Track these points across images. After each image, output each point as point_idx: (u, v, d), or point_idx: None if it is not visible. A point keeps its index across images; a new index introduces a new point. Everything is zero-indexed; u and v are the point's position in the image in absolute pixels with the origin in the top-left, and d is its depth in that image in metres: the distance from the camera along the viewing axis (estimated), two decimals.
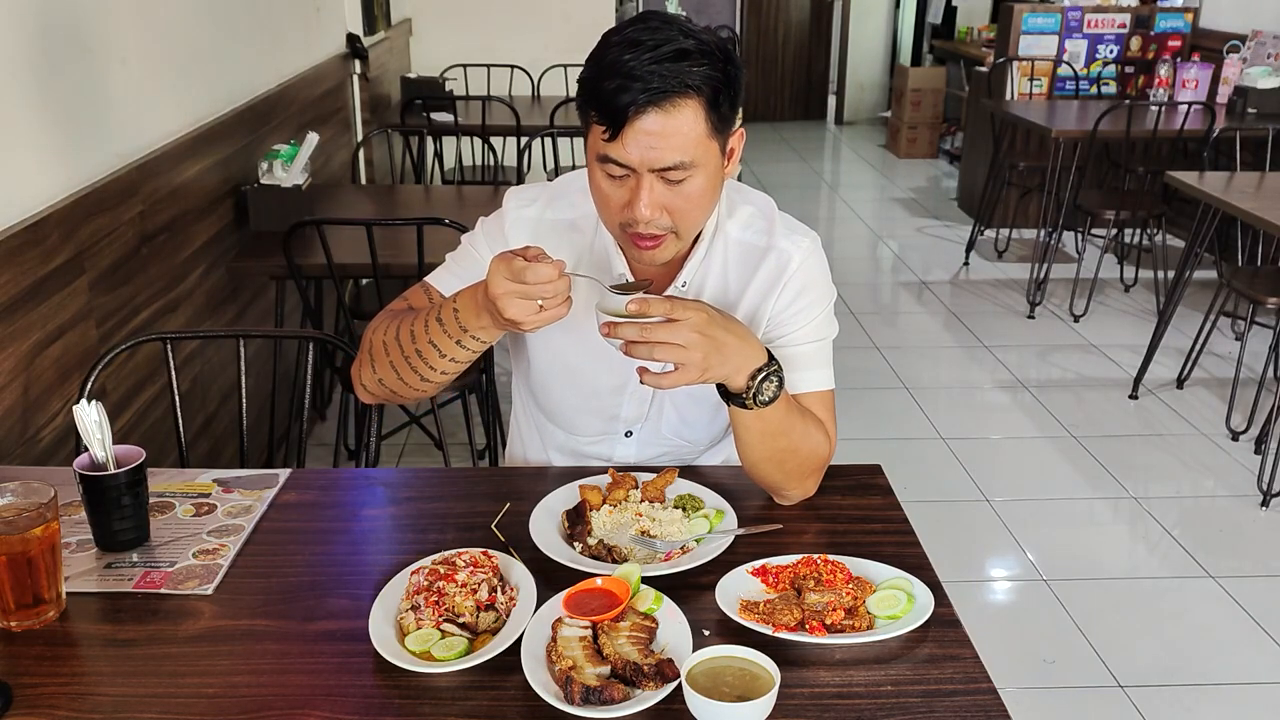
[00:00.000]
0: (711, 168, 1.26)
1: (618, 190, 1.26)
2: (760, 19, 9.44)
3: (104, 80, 2.24)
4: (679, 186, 1.24)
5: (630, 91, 1.17)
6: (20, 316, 1.85)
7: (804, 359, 1.42)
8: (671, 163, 1.21)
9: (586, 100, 1.23)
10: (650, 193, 1.23)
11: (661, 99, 1.18)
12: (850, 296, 5.01)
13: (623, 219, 1.27)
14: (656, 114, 1.19)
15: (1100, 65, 5.83)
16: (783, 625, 1.12)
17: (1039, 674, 2.44)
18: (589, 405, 1.50)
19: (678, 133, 1.20)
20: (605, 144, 1.22)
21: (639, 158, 1.21)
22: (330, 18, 4.24)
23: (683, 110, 1.20)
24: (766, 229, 1.43)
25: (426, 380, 1.35)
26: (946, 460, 3.43)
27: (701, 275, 1.43)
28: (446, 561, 1.19)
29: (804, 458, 1.36)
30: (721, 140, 1.26)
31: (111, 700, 1.05)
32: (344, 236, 2.74)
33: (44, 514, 1.14)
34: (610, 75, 1.19)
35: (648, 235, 1.27)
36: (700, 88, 1.20)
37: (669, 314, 1.17)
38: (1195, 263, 3.74)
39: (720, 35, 1.27)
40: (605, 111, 1.20)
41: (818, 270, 1.44)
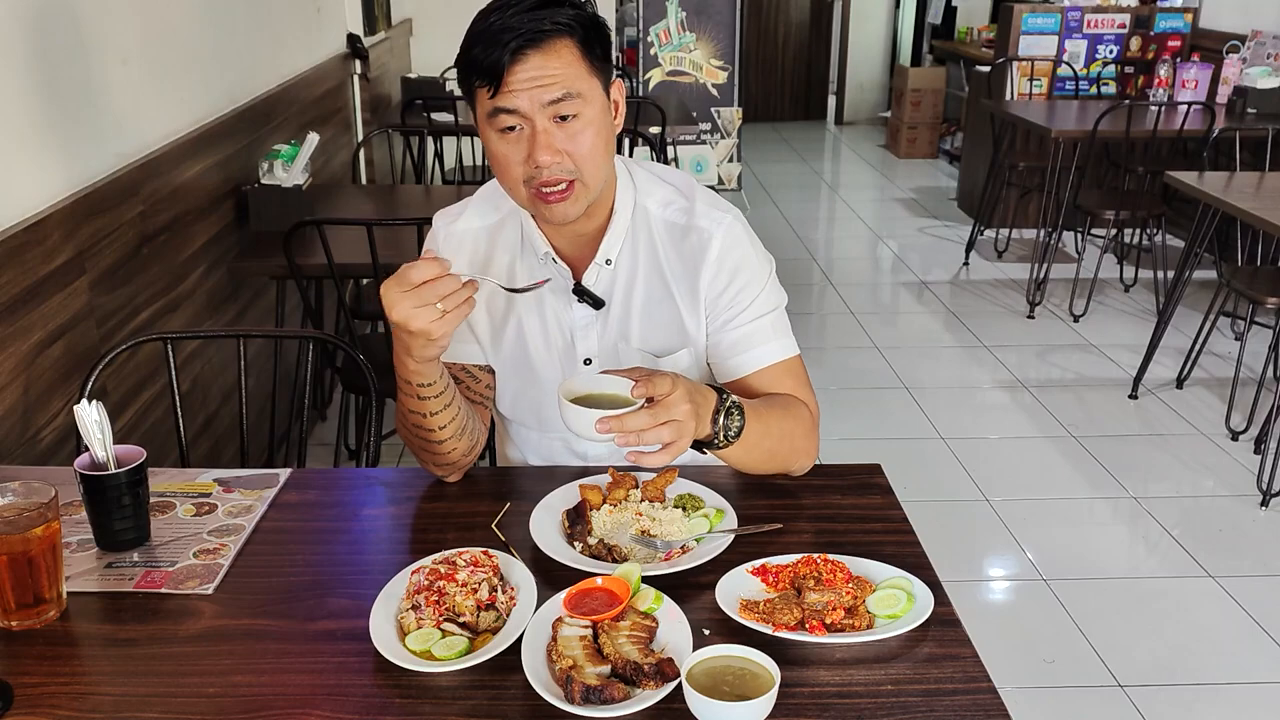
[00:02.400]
0: (599, 106, 1.30)
1: (515, 147, 1.28)
2: (760, 19, 9.43)
3: (104, 80, 2.24)
4: (571, 127, 1.28)
5: (504, 43, 1.22)
6: (21, 316, 1.85)
7: (759, 335, 1.43)
8: (559, 95, 1.25)
9: (466, 71, 1.27)
10: (546, 134, 1.27)
11: (537, 39, 1.23)
12: (850, 296, 5.02)
13: (525, 173, 1.29)
14: (535, 54, 1.24)
15: (1100, 65, 5.84)
16: (783, 625, 1.12)
17: (1039, 673, 2.45)
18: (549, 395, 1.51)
19: (559, 68, 1.25)
20: (492, 100, 1.26)
21: (527, 99, 1.25)
22: (330, 18, 4.24)
23: (559, 48, 1.25)
24: (686, 208, 1.44)
25: (442, 443, 1.37)
26: (946, 460, 3.43)
27: (631, 256, 1.44)
28: (447, 561, 1.19)
29: (793, 441, 1.39)
30: (603, 80, 1.31)
31: (112, 700, 1.05)
32: (344, 236, 2.74)
33: (45, 514, 1.14)
34: (481, 39, 1.24)
35: (553, 185, 1.29)
36: (571, 26, 1.26)
37: (650, 393, 1.19)
38: (1195, 263, 3.74)
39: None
40: (485, 69, 1.24)
41: (745, 246, 1.44)
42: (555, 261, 1.43)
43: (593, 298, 1.44)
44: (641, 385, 1.19)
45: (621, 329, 1.46)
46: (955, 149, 7.66)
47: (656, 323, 1.46)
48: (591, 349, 1.48)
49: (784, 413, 1.39)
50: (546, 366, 1.49)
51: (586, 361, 1.48)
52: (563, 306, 1.46)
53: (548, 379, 1.49)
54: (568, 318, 1.46)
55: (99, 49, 2.22)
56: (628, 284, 1.45)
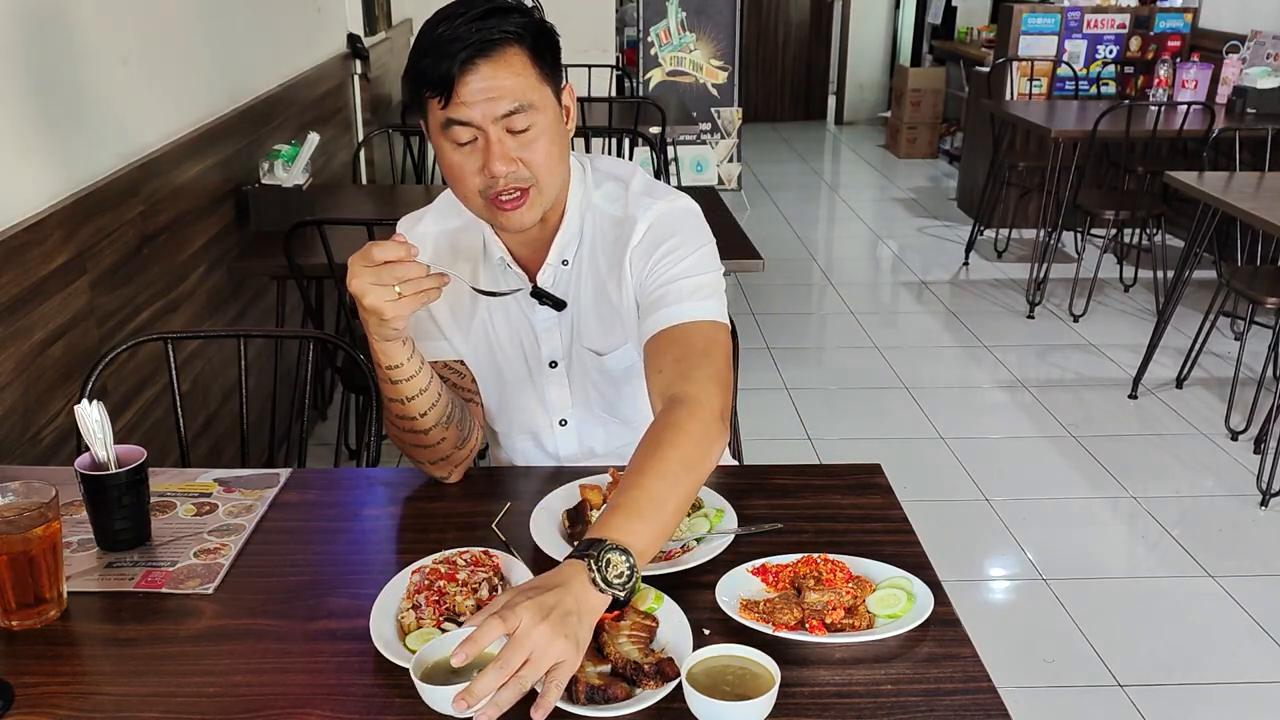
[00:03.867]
0: (551, 114, 1.29)
1: (470, 158, 1.27)
2: (760, 19, 9.43)
3: (104, 80, 2.25)
4: (525, 136, 1.26)
5: (453, 54, 1.21)
6: (21, 316, 1.85)
7: (672, 295, 1.33)
8: (511, 107, 1.24)
9: (416, 83, 1.26)
10: (500, 145, 1.25)
11: (486, 49, 1.22)
12: (850, 296, 5.02)
13: (481, 184, 1.28)
14: (485, 64, 1.22)
15: (1100, 65, 5.84)
16: (783, 624, 1.12)
17: (1039, 673, 2.45)
18: (517, 398, 1.52)
19: (509, 77, 1.23)
20: (444, 111, 1.24)
21: (480, 111, 1.23)
22: (331, 18, 4.24)
23: (509, 57, 1.23)
24: (624, 199, 1.42)
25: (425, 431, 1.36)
26: (946, 460, 3.43)
27: (586, 251, 1.43)
28: (447, 561, 1.19)
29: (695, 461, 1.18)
30: (554, 88, 1.29)
31: (113, 699, 1.05)
32: (345, 236, 2.74)
33: (45, 513, 1.14)
34: (431, 49, 1.22)
35: (509, 193, 1.28)
36: (520, 34, 1.24)
37: (502, 628, 0.96)
38: (1195, 263, 3.74)
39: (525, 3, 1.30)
40: (435, 80, 1.22)
41: (674, 223, 1.38)
42: (510, 268, 1.42)
43: (553, 299, 1.43)
44: (471, 640, 0.95)
45: (577, 329, 1.46)
46: (955, 149, 7.66)
47: (602, 319, 1.44)
48: (555, 351, 1.47)
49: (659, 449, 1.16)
50: (514, 371, 1.49)
51: (552, 364, 1.48)
52: (525, 309, 1.46)
53: (515, 384, 1.50)
54: (531, 320, 1.46)
55: (99, 49, 2.22)
56: (579, 283, 1.44)
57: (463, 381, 1.50)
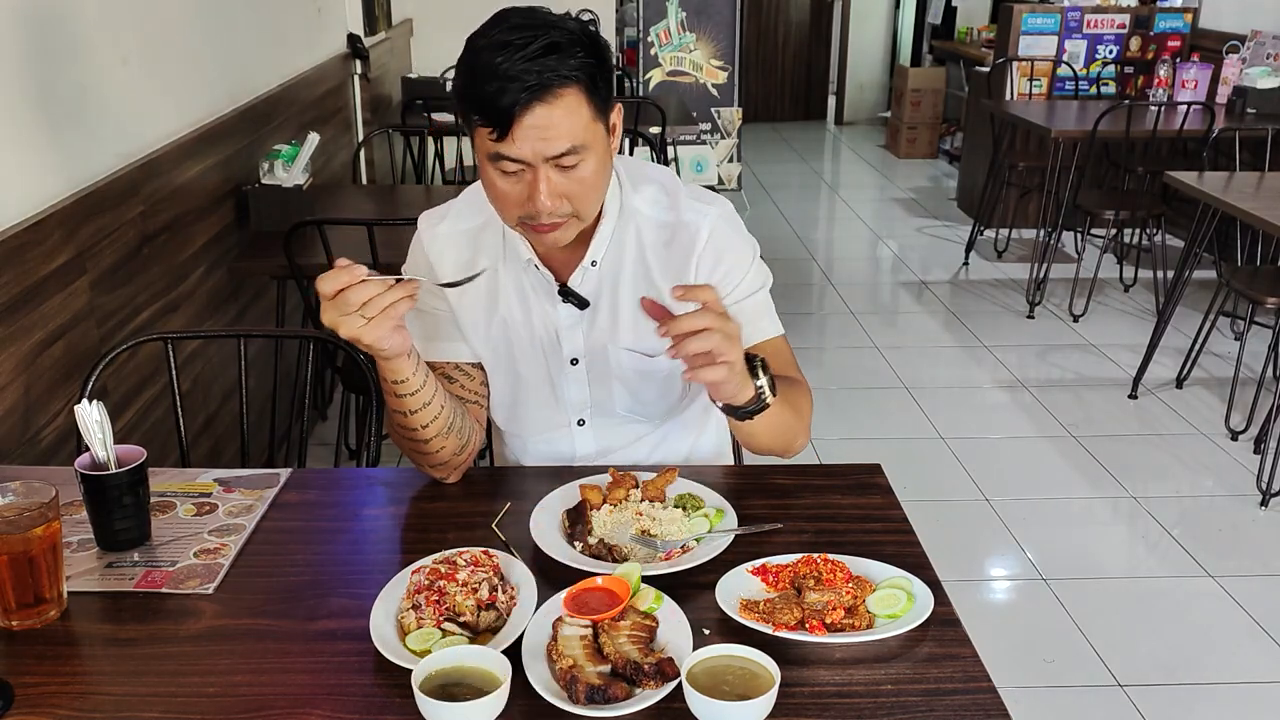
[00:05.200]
0: (600, 149, 1.29)
1: (514, 186, 1.27)
2: (760, 19, 9.43)
3: (104, 80, 2.25)
4: (573, 172, 1.27)
5: (510, 92, 1.19)
6: (21, 316, 1.85)
7: (745, 315, 1.43)
8: (563, 149, 1.24)
9: (467, 105, 1.24)
10: (548, 183, 1.25)
11: (543, 93, 1.21)
12: (850, 296, 5.02)
13: (523, 213, 1.29)
14: (541, 108, 1.21)
15: (1100, 65, 5.84)
16: (783, 624, 1.12)
17: (1039, 673, 2.45)
18: (534, 396, 1.51)
19: (564, 121, 1.23)
20: (495, 144, 1.23)
21: (531, 150, 1.23)
22: (331, 18, 4.24)
23: (565, 99, 1.22)
24: (672, 204, 1.44)
25: (427, 441, 1.37)
26: (946, 460, 3.43)
27: (617, 254, 1.44)
28: (447, 561, 1.19)
29: (802, 410, 1.41)
30: (605, 120, 1.30)
31: (113, 699, 1.05)
32: (345, 236, 2.74)
33: (45, 513, 1.14)
34: (488, 79, 1.20)
35: (549, 223, 1.29)
36: (578, 76, 1.23)
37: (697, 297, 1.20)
38: (1195, 263, 3.74)
39: (584, 20, 1.29)
40: (490, 114, 1.21)
41: (730, 233, 1.45)
42: (538, 268, 1.42)
43: (578, 298, 1.43)
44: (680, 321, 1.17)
45: (609, 329, 1.46)
46: (955, 149, 7.66)
47: (642, 325, 1.45)
48: (578, 349, 1.47)
49: (794, 385, 1.41)
50: (533, 369, 1.49)
51: (573, 361, 1.48)
52: (548, 308, 1.46)
53: (534, 382, 1.50)
54: (553, 318, 1.46)
55: (99, 49, 2.22)
56: (614, 283, 1.45)
57: (470, 384, 1.49)
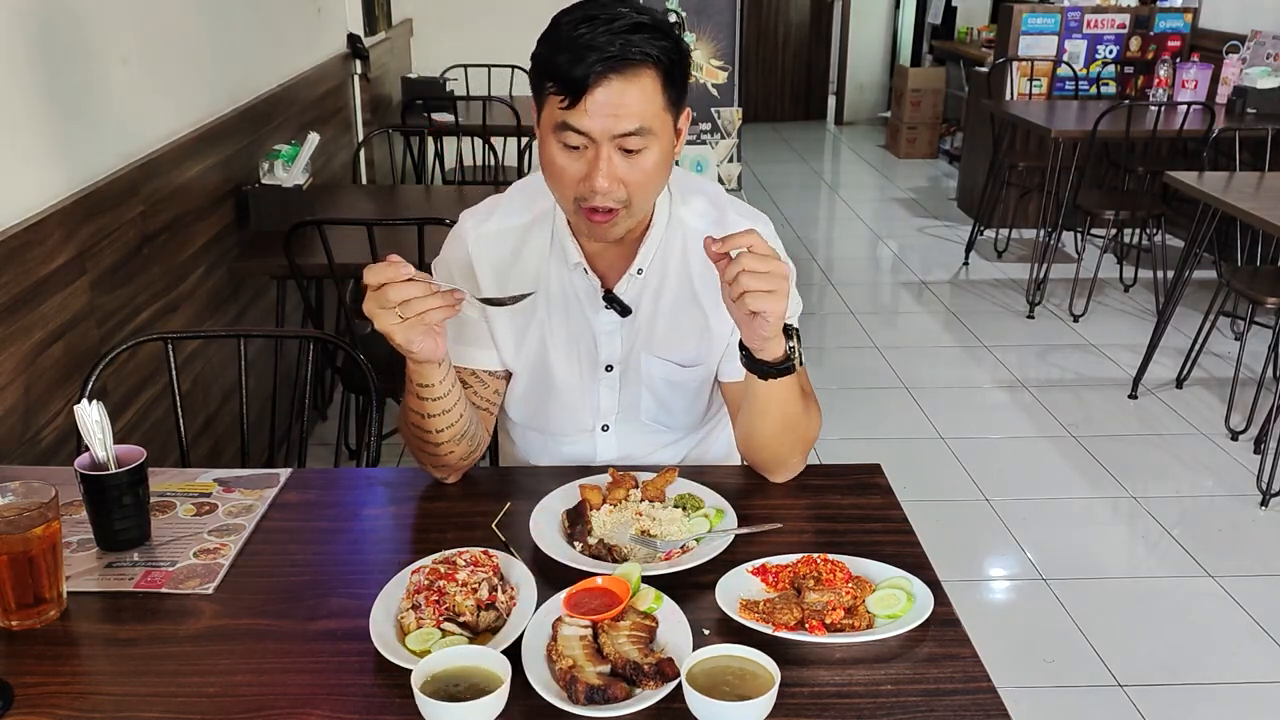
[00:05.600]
0: (666, 141, 1.28)
1: (574, 163, 1.26)
2: (760, 19, 9.43)
3: (104, 80, 2.25)
4: (636, 158, 1.25)
5: (589, 59, 1.19)
6: (21, 316, 1.85)
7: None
8: (632, 128, 1.22)
9: (542, 73, 1.24)
10: (609, 163, 1.24)
11: (622, 65, 1.20)
12: (850, 296, 5.02)
13: (578, 192, 1.28)
14: (617, 80, 1.20)
15: (1100, 65, 5.83)
16: (783, 624, 1.12)
17: (1039, 673, 2.45)
18: (565, 401, 1.51)
19: (638, 99, 1.22)
20: (564, 112, 1.22)
21: (600, 125, 1.22)
22: (331, 18, 4.24)
23: (642, 79, 1.22)
24: (719, 218, 1.44)
25: (439, 444, 1.37)
26: (946, 460, 3.43)
27: (661, 263, 1.43)
28: (447, 561, 1.19)
29: (809, 420, 1.40)
30: (675, 115, 1.28)
31: (113, 699, 1.05)
32: (345, 236, 2.74)
33: (45, 513, 1.14)
34: (568, 46, 1.20)
35: (602, 208, 1.28)
36: (659, 59, 1.22)
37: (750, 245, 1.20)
38: (1195, 263, 3.74)
39: (667, 16, 1.28)
40: (564, 80, 1.20)
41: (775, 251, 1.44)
42: (586, 272, 1.42)
43: (620, 305, 1.43)
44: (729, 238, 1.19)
45: (645, 337, 1.46)
46: (955, 149, 7.66)
47: (681, 332, 1.45)
48: (614, 355, 1.47)
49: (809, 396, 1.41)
50: (566, 372, 1.48)
51: (608, 368, 1.48)
52: (590, 313, 1.45)
53: (565, 386, 1.49)
54: (592, 323, 1.46)
55: (99, 49, 2.22)
56: (655, 291, 1.44)
57: (484, 391, 1.49)
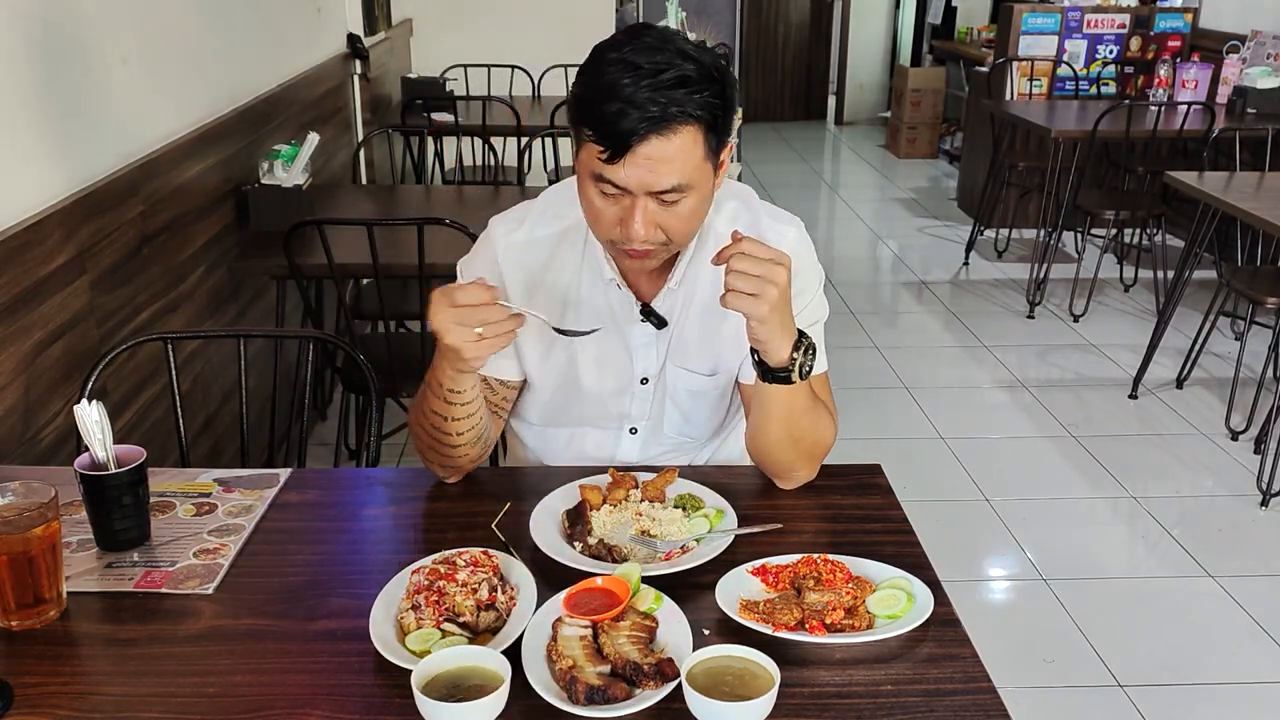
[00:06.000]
0: (705, 188, 1.27)
1: (610, 207, 1.26)
2: (760, 19, 9.44)
3: (104, 80, 2.24)
4: (673, 207, 1.25)
5: (631, 118, 1.17)
6: (21, 316, 1.85)
7: None
8: (669, 185, 1.22)
9: (583, 119, 1.21)
10: (644, 213, 1.24)
11: (663, 127, 1.18)
12: (850, 296, 5.02)
13: (614, 236, 1.28)
14: (657, 140, 1.18)
15: (1100, 65, 5.83)
16: (783, 625, 1.12)
17: (1039, 673, 2.45)
18: (598, 410, 1.51)
19: (677, 158, 1.20)
20: (602, 164, 1.21)
21: (637, 181, 1.21)
22: (331, 18, 4.24)
23: (683, 136, 1.20)
24: (752, 222, 1.43)
25: (456, 446, 1.37)
26: (946, 460, 3.43)
27: (692, 273, 1.43)
28: (447, 561, 1.19)
29: (819, 433, 1.39)
30: (715, 160, 1.27)
31: (112, 700, 1.05)
32: (345, 236, 2.74)
33: (45, 513, 1.14)
34: (610, 98, 1.17)
35: (639, 250, 1.28)
36: (701, 115, 1.20)
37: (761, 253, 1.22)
38: (1195, 263, 3.74)
39: (716, 53, 1.26)
40: (605, 135, 1.19)
41: (805, 258, 1.45)
42: (620, 288, 1.41)
43: (658, 318, 1.43)
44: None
45: (677, 348, 1.46)
46: (955, 149, 7.66)
47: (711, 340, 1.45)
48: (650, 369, 1.47)
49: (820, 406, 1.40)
50: (595, 384, 1.48)
51: (643, 381, 1.48)
52: (625, 326, 1.44)
53: (593, 396, 1.49)
54: (628, 336, 1.45)
55: (99, 49, 2.22)
56: (687, 303, 1.44)
57: (494, 398, 1.49)
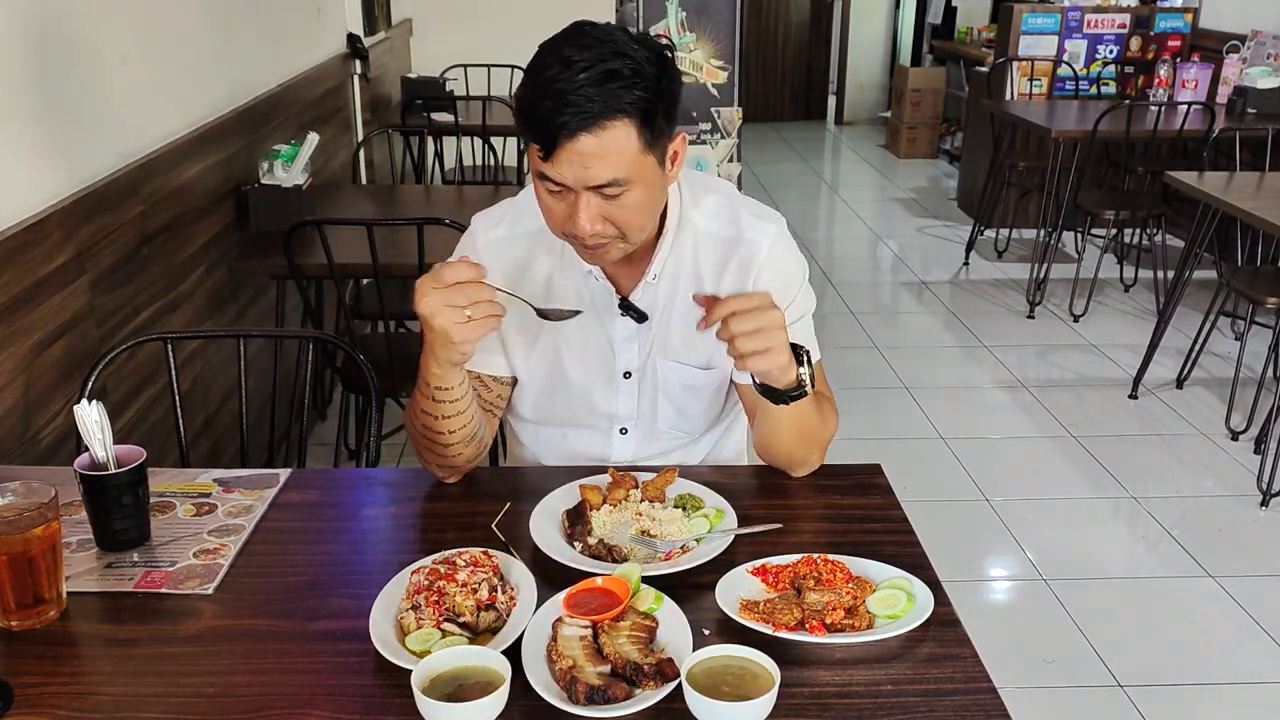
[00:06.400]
0: (649, 180, 1.27)
1: (558, 204, 1.27)
2: (760, 19, 9.43)
3: (104, 80, 2.24)
4: (616, 200, 1.25)
5: (560, 114, 1.18)
6: (21, 316, 1.85)
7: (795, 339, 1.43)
8: (605, 180, 1.22)
9: (523, 119, 1.23)
10: (588, 209, 1.24)
11: (591, 122, 1.18)
12: (850, 296, 5.02)
13: (565, 230, 1.29)
14: (586, 137, 1.19)
15: (1100, 65, 5.83)
16: (783, 625, 1.12)
17: (1039, 673, 2.44)
18: (585, 406, 1.51)
19: (609, 153, 1.20)
20: (541, 163, 1.23)
21: (573, 177, 1.22)
22: (331, 18, 4.24)
23: (614, 131, 1.20)
24: (732, 218, 1.44)
25: (449, 446, 1.37)
26: (946, 460, 3.43)
27: (674, 268, 1.43)
28: (447, 561, 1.19)
29: (826, 424, 1.43)
30: (658, 152, 1.26)
31: (112, 700, 1.05)
32: (344, 236, 2.74)
33: (45, 514, 1.14)
34: (543, 95, 1.19)
35: (591, 244, 1.29)
36: (631, 110, 1.20)
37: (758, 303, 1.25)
38: (1195, 263, 3.74)
39: (658, 45, 1.26)
40: (538, 132, 1.21)
41: (787, 253, 1.45)
42: (598, 279, 1.42)
43: (637, 312, 1.43)
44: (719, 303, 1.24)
45: (661, 342, 1.46)
46: (955, 149, 7.66)
47: (692, 338, 1.45)
48: (632, 363, 1.48)
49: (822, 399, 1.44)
50: (582, 376, 1.49)
51: (626, 375, 1.48)
52: (606, 320, 1.45)
53: (581, 388, 1.49)
54: (609, 331, 1.46)
55: (99, 49, 2.22)
56: (670, 297, 1.44)
57: (488, 395, 1.49)
